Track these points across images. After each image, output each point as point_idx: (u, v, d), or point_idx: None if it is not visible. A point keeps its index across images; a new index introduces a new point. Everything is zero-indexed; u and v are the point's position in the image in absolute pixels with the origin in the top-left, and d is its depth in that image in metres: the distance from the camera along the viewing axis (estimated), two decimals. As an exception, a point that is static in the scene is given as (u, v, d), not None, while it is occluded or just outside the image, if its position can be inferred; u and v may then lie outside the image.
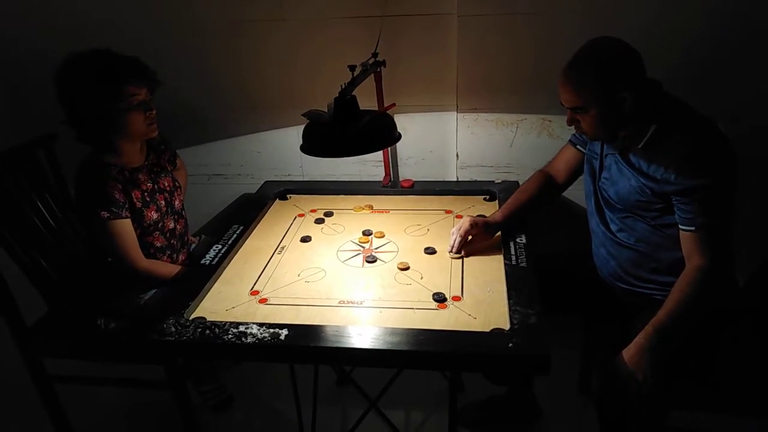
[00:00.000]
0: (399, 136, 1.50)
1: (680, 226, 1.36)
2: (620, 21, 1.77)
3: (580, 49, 1.36)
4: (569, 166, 1.68)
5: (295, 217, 1.84)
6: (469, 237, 1.55)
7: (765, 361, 1.44)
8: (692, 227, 1.34)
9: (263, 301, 1.40)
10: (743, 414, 1.40)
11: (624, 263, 1.51)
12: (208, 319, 1.31)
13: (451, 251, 1.55)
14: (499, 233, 1.60)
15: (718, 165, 1.31)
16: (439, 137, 2.13)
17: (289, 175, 2.27)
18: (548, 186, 1.70)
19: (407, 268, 1.51)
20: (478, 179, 2.12)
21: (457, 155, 2.13)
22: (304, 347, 1.21)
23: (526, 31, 1.88)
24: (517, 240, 1.57)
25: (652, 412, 1.37)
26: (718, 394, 1.39)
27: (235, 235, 1.68)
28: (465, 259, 1.53)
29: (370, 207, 1.88)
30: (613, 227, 1.51)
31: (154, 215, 1.66)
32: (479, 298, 1.36)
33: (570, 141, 1.67)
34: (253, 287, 1.46)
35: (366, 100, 1.53)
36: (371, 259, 1.56)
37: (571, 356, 1.89)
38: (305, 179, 2.27)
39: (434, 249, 1.58)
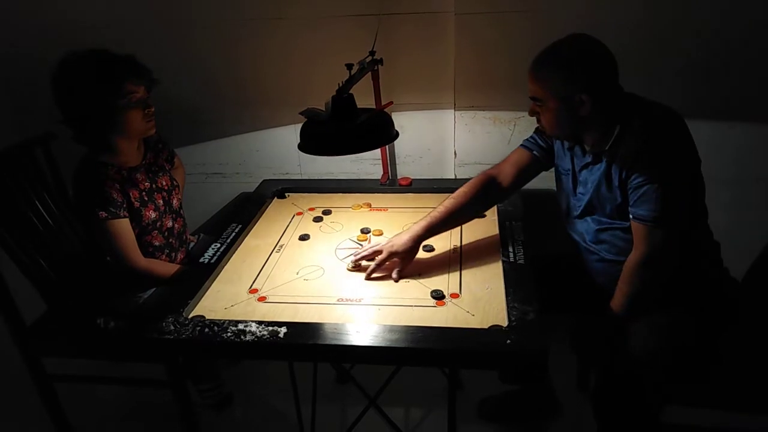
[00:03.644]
0: (396, 135, 1.50)
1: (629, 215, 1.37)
2: (617, 18, 1.78)
3: (557, 41, 1.36)
4: (518, 168, 1.60)
5: (294, 216, 1.85)
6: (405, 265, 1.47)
7: (759, 358, 1.45)
8: (631, 216, 1.35)
9: (262, 299, 1.40)
10: (738, 410, 1.41)
11: (605, 274, 1.50)
12: (207, 318, 1.31)
13: (354, 267, 1.48)
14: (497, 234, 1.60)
15: (667, 161, 1.30)
16: (437, 135, 2.13)
17: (287, 173, 2.27)
18: (488, 190, 1.59)
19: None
20: (476, 177, 2.13)
21: (455, 153, 2.13)
22: (303, 345, 1.22)
23: (524, 29, 1.88)
24: (516, 237, 1.57)
25: (648, 408, 1.37)
26: (713, 391, 1.40)
27: (233, 234, 1.68)
28: (463, 256, 1.54)
29: (369, 205, 1.89)
30: (591, 240, 1.51)
31: (153, 214, 1.66)
32: (477, 295, 1.36)
33: (522, 145, 1.63)
34: (251, 285, 1.46)
35: (363, 99, 1.53)
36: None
37: (570, 353, 1.90)
38: (303, 178, 2.27)
39: (432, 246, 1.59)
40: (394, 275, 1.45)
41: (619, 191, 1.37)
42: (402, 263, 1.47)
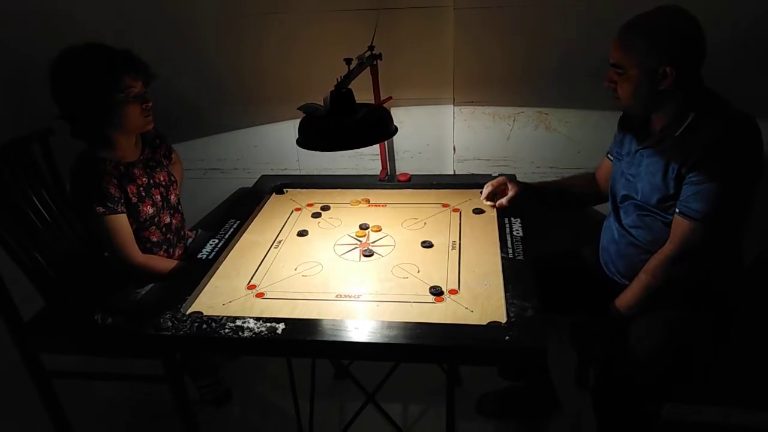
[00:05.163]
0: (395, 130, 1.49)
1: (676, 208, 1.35)
2: (621, 14, 1.76)
3: (651, 9, 1.33)
4: (606, 175, 1.66)
5: (292, 211, 1.84)
6: (510, 193, 1.65)
7: (757, 354, 1.45)
8: (678, 210, 1.33)
9: (260, 295, 1.40)
10: (736, 407, 1.41)
11: (636, 261, 1.48)
12: (204, 314, 1.31)
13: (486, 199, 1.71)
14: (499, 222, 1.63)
15: (736, 164, 1.28)
16: (436, 131, 2.12)
17: (285, 169, 2.27)
18: (593, 185, 1.72)
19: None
20: (475, 172, 2.12)
21: (454, 148, 2.13)
22: (301, 341, 1.21)
23: (523, 24, 1.87)
24: (514, 233, 1.57)
25: (649, 404, 1.37)
26: (712, 387, 1.40)
27: (231, 230, 1.68)
28: (462, 252, 1.53)
29: (367, 201, 1.88)
30: (628, 224, 1.50)
31: (150, 210, 1.66)
32: (476, 291, 1.36)
33: (607, 154, 1.67)
34: (249, 281, 1.45)
35: (362, 94, 1.53)
36: (368, 253, 1.56)
37: (569, 349, 1.90)
38: (302, 173, 2.27)
39: (431, 242, 1.58)
40: (502, 201, 1.67)
41: (673, 183, 1.34)
42: (511, 190, 1.66)
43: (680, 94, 1.33)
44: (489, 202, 1.71)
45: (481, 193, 1.73)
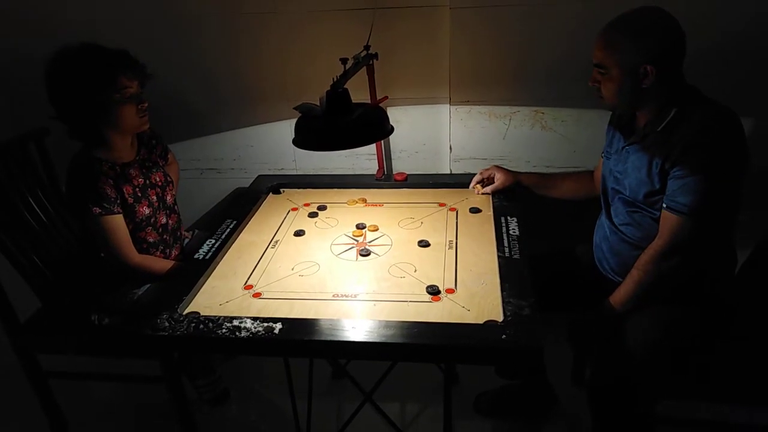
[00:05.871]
0: (392, 129, 1.49)
1: (663, 203, 1.36)
2: (618, 13, 1.77)
3: (631, 9, 1.34)
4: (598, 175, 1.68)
5: (289, 211, 1.84)
6: (496, 184, 1.79)
7: (753, 350, 1.45)
8: (665, 205, 1.34)
9: (257, 295, 1.40)
10: (733, 403, 1.41)
11: (628, 258, 1.49)
12: (202, 314, 1.31)
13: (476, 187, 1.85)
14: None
15: (718, 157, 1.28)
16: (432, 130, 2.12)
17: (282, 169, 2.27)
18: (587, 185, 1.74)
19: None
20: (472, 172, 2.12)
21: (451, 148, 2.13)
22: (299, 341, 1.21)
23: (519, 23, 1.87)
24: (511, 232, 1.57)
25: (644, 401, 1.38)
26: (708, 384, 1.40)
27: (228, 230, 1.68)
28: (458, 251, 1.54)
29: (364, 200, 1.88)
30: (619, 221, 1.51)
31: (146, 210, 1.65)
32: (473, 290, 1.36)
33: (602, 153, 1.67)
34: (246, 281, 1.46)
35: (358, 93, 1.53)
36: (365, 253, 1.56)
37: (565, 347, 1.90)
38: (298, 173, 2.27)
39: (428, 242, 1.59)
40: (486, 189, 1.82)
41: (658, 178, 1.35)
42: (497, 180, 1.80)
43: (662, 91, 1.34)
44: (479, 186, 1.84)
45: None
